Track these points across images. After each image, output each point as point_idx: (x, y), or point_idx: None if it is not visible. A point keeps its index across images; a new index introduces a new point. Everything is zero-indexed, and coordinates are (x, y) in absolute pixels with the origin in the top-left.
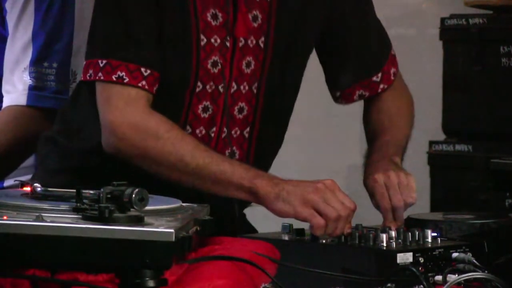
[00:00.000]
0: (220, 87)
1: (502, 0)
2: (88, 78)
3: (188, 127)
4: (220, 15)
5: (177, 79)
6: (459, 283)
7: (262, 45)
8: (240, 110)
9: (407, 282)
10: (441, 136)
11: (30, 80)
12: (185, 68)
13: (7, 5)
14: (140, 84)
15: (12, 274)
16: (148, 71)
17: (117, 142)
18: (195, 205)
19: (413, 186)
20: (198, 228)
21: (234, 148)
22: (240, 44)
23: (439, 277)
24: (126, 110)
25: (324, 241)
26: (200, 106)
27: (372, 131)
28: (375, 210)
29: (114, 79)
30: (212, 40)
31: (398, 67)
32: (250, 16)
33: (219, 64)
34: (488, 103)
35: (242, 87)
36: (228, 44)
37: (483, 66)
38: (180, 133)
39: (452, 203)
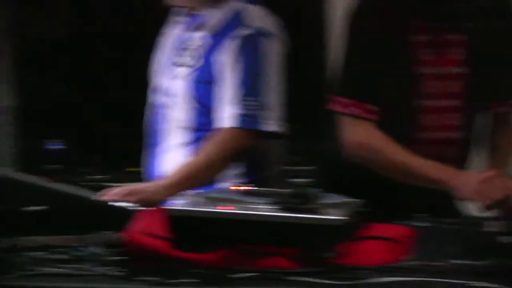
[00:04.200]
0: (435, 103)
1: None
2: (335, 110)
3: (417, 135)
4: (431, 52)
5: (403, 102)
6: None
7: (466, 71)
8: (454, 119)
9: None
10: None
11: (236, 109)
12: (408, 92)
13: (219, 58)
14: (367, 117)
15: (228, 247)
16: (371, 107)
17: (354, 155)
18: (358, 200)
19: None
20: (359, 217)
21: None
22: (447, 71)
23: None
24: (356, 133)
25: (450, 225)
26: (423, 118)
27: (497, 142)
28: None
29: (350, 113)
30: (427, 70)
31: None
32: (453, 50)
33: (432, 87)
34: None
35: (453, 103)
36: (438, 71)
37: None
38: (390, 145)
39: None
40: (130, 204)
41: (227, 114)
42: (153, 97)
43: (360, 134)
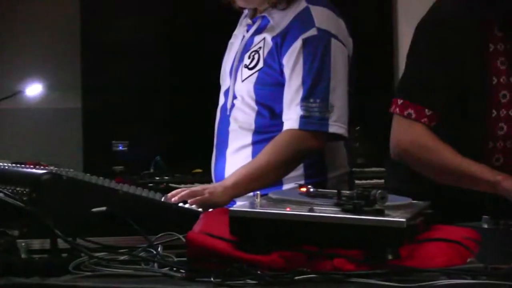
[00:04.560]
0: (510, 112)
1: None
2: (391, 111)
3: (490, 142)
4: (506, 61)
5: (477, 111)
6: None
7: None
8: None
9: None
10: None
11: (301, 112)
12: (483, 101)
13: (284, 61)
14: (422, 120)
15: (292, 248)
16: (431, 112)
17: (401, 153)
18: (421, 202)
19: None
20: (423, 219)
21: None
22: None
23: None
24: (408, 132)
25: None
26: (497, 127)
27: None
28: None
29: (405, 114)
30: (501, 80)
31: None
32: None
33: (507, 96)
34: None
35: None
36: None
37: None
38: (442, 146)
39: None
40: (193, 206)
41: (291, 116)
42: (220, 99)
43: (411, 134)
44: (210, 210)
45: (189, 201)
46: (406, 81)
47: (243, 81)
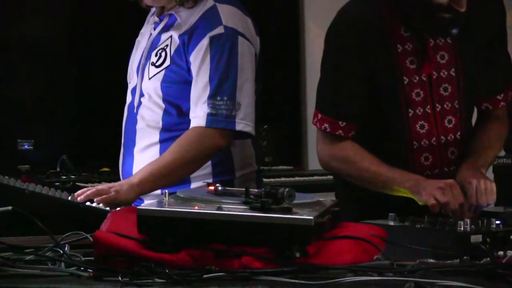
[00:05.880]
0: (427, 109)
1: None
2: (314, 122)
3: (415, 142)
4: (415, 60)
5: (394, 112)
6: None
7: (453, 73)
8: (449, 121)
9: (478, 256)
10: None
11: (208, 109)
12: (397, 102)
13: (191, 58)
14: (337, 133)
15: (200, 247)
16: (344, 123)
17: (325, 166)
18: (328, 200)
19: (495, 192)
20: (330, 216)
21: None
22: (434, 77)
23: (501, 253)
24: (327, 147)
25: (418, 225)
26: (417, 125)
27: (474, 144)
28: None
29: (323, 128)
30: (412, 79)
31: None
32: (437, 56)
33: (421, 94)
34: None
35: (445, 106)
36: (424, 78)
37: None
38: (361, 155)
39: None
40: (100, 204)
41: (198, 114)
42: (127, 97)
43: (330, 148)
44: (118, 208)
45: (95, 199)
46: (319, 92)
47: (150, 79)
